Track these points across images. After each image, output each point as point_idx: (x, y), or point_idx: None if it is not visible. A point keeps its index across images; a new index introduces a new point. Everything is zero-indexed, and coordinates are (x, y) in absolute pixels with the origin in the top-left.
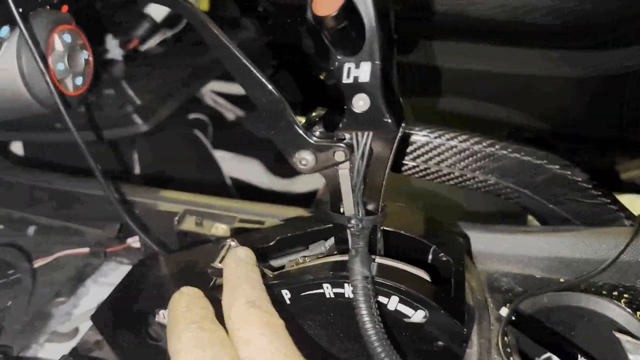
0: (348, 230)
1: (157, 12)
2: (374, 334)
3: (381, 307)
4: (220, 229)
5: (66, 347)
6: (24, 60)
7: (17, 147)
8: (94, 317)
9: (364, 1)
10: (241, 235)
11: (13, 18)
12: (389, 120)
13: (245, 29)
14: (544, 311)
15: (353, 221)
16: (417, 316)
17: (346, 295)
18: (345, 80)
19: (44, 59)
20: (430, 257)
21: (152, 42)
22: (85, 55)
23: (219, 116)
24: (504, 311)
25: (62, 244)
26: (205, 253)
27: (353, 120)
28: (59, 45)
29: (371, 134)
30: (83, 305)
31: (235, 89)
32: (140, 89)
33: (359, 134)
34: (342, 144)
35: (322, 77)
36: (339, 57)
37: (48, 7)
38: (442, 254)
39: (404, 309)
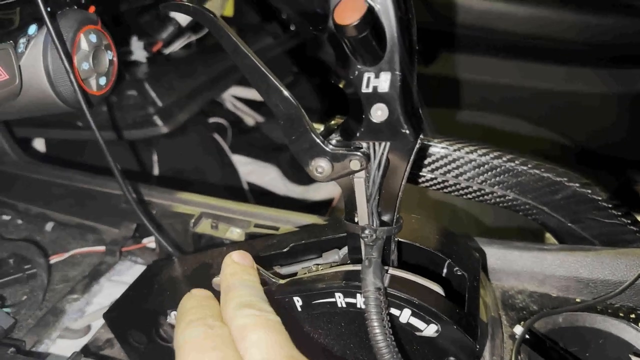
0: (362, 240)
1: (182, 16)
2: (384, 345)
3: (393, 319)
4: (235, 233)
5: (78, 343)
6: (49, 59)
7: (39, 144)
8: (106, 315)
9: (386, 11)
10: (255, 240)
11: (41, 16)
12: (407, 131)
13: (267, 35)
14: (559, 331)
15: (367, 231)
16: (429, 330)
17: (358, 306)
18: (364, 90)
19: (70, 58)
20: (444, 270)
21: (176, 46)
22: (110, 55)
23: (239, 121)
24: (518, 329)
25: (79, 241)
26: (219, 256)
27: (371, 130)
28: (84, 45)
29: (388, 144)
30: (96, 303)
31: (255, 94)
32: (162, 91)
33: (376, 143)
34: (358, 153)
35: (341, 85)
36: (359, 66)
37: (75, 7)
38: (457, 269)
39: (416, 322)
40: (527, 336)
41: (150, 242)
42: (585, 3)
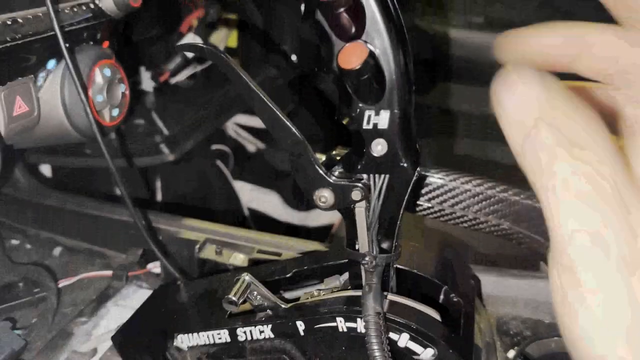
0: (362, 267)
1: None
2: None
3: (392, 343)
4: (239, 259)
5: None
6: (66, 92)
7: (45, 169)
8: (114, 338)
9: (386, 55)
10: (259, 266)
11: (60, 52)
12: (405, 165)
13: (270, 66)
14: (552, 356)
15: (367, 258)
16: (426, 354)
17: (358, 330)
18: (365, 126)
19: (85, 91)
20: (441, 297)
21: (182, 75)
22: (122, 88)
23: (241, 148)
24: (512, 354)
25: (86, 265)
26: (224, 282)
27: (371, 163)
28: (99, 79)
29: (388, 176)
30: (103, 326)
31: (257, 122)
32: (168, 120)
33: (377, 176)
34: (359, 184)
35: (344, 122)
36: (360, 104)
37: (91, 42)
38: (453, 295)
39: (414, 346)
40: None
41: (155, 267)
42: None
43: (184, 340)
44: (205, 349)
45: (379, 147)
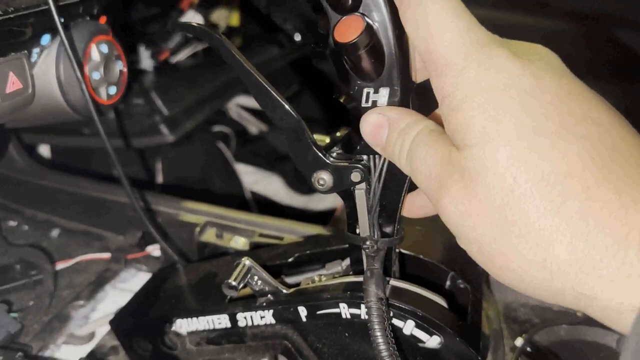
0: (363, 252)
1: None
2: (387, 355)
3: (397, 330)
4: (240, 242)
5: (82, 350)
6: (61, 68)
7: (44, 150)
8: (112, 322)
9: (384, 29)
10: (260, 250)
11: (55, 27)
12: None
13: (273, 46)
14: (560, 344)
15: (368, 242)
16: (432, 341)
17: (362, 317)
18: (364, 104)
19: (81, 68)
20: (448, 283)
21: (183, 55)
22: (120, 65)
23: (243, 130)
24: (519, 341)
25: (84, 247)
26: (224, 265)
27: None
28: (95, 55)
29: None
30: (101, 310)
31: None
32: (168, 100)
33: (377, 156)
34: (359, 165)
35: (341, 100)
36: (358, 82)
37: (88, 17)
38: (460, 281)
39: (420, 333)
40: (528, 348)
41: (155, 250)
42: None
43: (182, 325)
44: (205, 334)
45: None
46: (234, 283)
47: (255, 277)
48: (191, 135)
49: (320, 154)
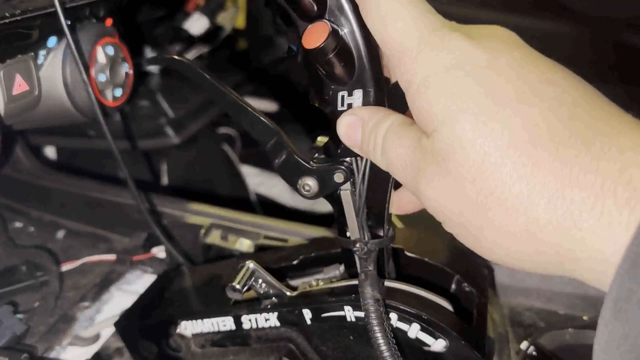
0: (355, 255)
1: (195, 27)
2: (389, 355)
3: (402, 333)
4: (245, 245)
5: (87, 351)
6: (68, 70)
7: (50, 151)
8: (117, 324)
9: (351, 32)
10: (265, 252)
11: (61, 29)
12: None
13: (279, 48)
14: (565, 348)
15: (358, 245)
16: (438, 345)
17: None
18: (340, 108)
19: (87, 70)
20: (453, 286)
21: (189, 57)
22: (126, 68)
23: (248, 132)
24: (524, 345)
25: (90, 249)
26: (229, 268)
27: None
28: (101, 58)
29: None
30: (106, 312)
31: (266, 105)
32: (174, 102)
33: (359, 158)
34: (341, 166)
35: (317, 104)
36: (332, 86)
37: (94, 19)
38: (466, 284)
39: (425, 337)
40: (533, 352)
41: (160, 251)
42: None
43: (187, 327)
44: (210, 336)
45: None
46: (237, 286)
47: (260, 280)
48: (196, 137)
49: (301, 160)
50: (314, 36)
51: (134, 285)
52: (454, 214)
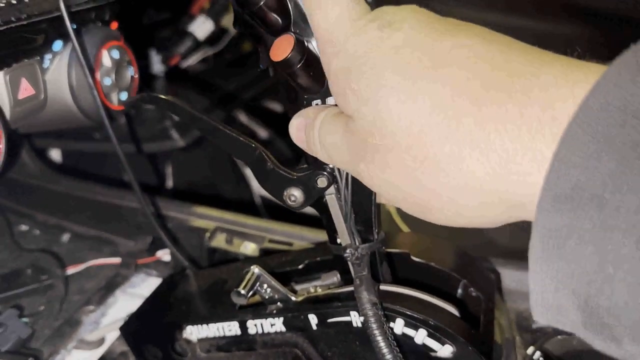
0: (348, 261)
1: (200, 30)
2: (391, 357)
3: (409, 339)
4: (250, 248)
5: (92, 355)
6: (73, 74)
7: (55, 154)
8: (123, 328)
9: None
10: (270, 256)
11: (66, 33)
12: None
13: None
14: (573, 353)
15: (349, 250)
16: (445, 351)
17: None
18: None
19: (93, 74)
20: (459, 291)
21: (193, 60)
22: (131, 71)
23: (252, 134)
24: (531, 350)
25: (94, 252)
26: (234, 272)
27: None
28: (107, 61)
29: None
30: (111, 315)
31: (270, 107)
32: None
33: None
34: (322, 172)
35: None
36: (305, 96)
37: (99, 23)
38: (472, 289)
39: (432, 343)
40: (540, 358)
41: (165, 255)
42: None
43: (193, 332)
44: (215, 341)
45: None
46: (242, 291)
47: (265, 285)
48: (201, 140)
49: (283, 172)
50: (280, 49)
51: (139, 289)
52: (397, 188)
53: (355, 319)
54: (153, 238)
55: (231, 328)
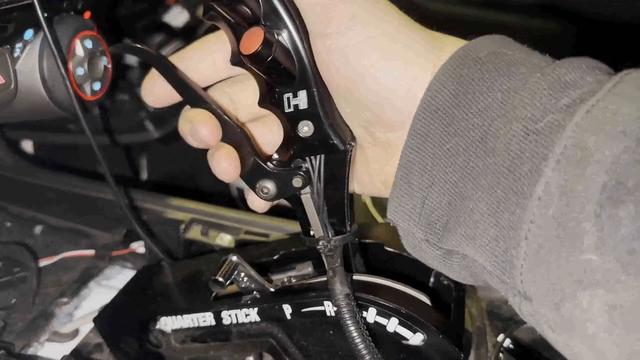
0: (321, 253)
1: (175, 20)
2: (363, 347)
3: (381, 328)
4: (226, 240)
5: (66, 347)
6: (45, 64)
7: (27, 145)
8: (96, 320)
9: (290, 36)
10: (246, 247)
11: (38, 22)
12: (335, 141)
13: None
14: (542, 341)
15: (322, 242)
16: (416, 339)
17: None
18: (287, 110)
19: (65, 64)
20: (432, 280)
21: (169, 50)
22: (104, 61)
23: None
24: (501, 338)
25: (68, 244)
26: (210, 263)
27: (303, 146)
28: (79, 51)
29: (322, 156)
30: (85, 307)
31: None
32: None
33: (312, 158)
34: (299, 172)
35: (265, 107)
36: (277, 89)
37: (72, 12)
38: (444, 278)
39: (403, 331)
40: (510, 345)
41: (139, 247)
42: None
43: (167, 323)
44: (190, 332)
45: (305, 129)
46: (221, 279)
47: (242, 274)
48: (177, 131)
49: (261, 163)
50: (250, 42)
51: (113, 281)
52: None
53: (329, 308)
54: (128, 230)
55: (205, 319)
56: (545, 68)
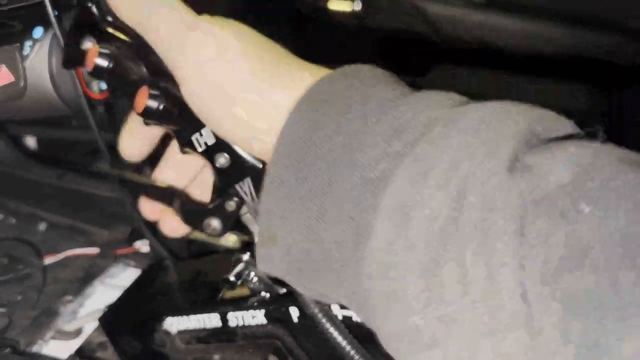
0: None
1: None
2: (347, 343)
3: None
4: (230, 240)
5: (70, 345)
6: (54, 62)
7: (30, 141)
8: (101, 319)
9: (165, 88)
10: (250, 248)
11: (47, 19)
12: (252, 162)
13: None
14: None
15: None
16: None
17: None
18: (200, 150)
19: None
20: None
21: None
22: None
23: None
24: None
25: (71, 242)
26: (215, 263)
27: (227, 177)
28: None
29: (248, 179)
30: (88, 306)
31: None
32: None
33: (240, 183)
34: (230, 199)
35: (186, 152)
36: (183, 134)
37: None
38: None
39: None
40: None
41: (143, 245)
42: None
43: (173, 324)
44: (195, 333)
45: (222, 160)
46: (232, 278)
47: (252, 274)
48: None
49: (198, 203)
50: (139, 101)
51: (117, 279)
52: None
53: (336, 312)
54: (133, 229)
55: (212, 320)
56: (387, 107)
